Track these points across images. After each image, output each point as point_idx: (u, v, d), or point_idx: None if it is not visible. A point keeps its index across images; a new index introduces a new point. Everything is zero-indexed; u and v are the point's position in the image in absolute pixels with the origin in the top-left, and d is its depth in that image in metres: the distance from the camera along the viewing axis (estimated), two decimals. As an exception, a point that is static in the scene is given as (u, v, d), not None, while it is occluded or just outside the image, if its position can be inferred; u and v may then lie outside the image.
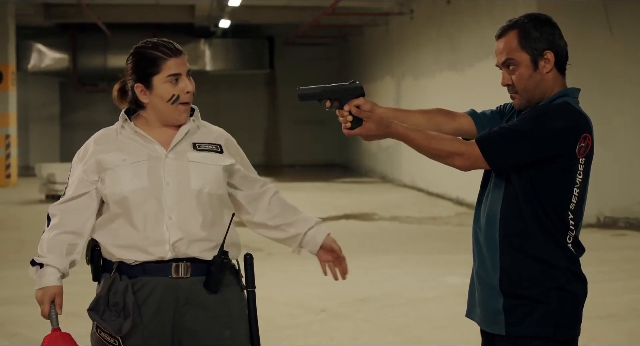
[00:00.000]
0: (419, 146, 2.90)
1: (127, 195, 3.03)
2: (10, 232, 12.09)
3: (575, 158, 2.88)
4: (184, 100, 3.08)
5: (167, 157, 3.08)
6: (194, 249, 3.05)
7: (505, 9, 13.29)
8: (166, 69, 3.06)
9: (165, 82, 3.06)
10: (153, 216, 3.03)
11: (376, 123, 2.91)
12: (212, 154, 3.14)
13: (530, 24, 2.97)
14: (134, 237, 3.03)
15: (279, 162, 26.66)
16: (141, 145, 3.10)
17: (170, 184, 3.05)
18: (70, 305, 7.46)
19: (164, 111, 3.09)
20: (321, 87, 3.01)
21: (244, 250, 3.26)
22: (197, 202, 3.06)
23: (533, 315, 2.89)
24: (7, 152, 18.84)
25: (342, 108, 2.95)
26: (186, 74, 3.10)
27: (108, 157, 3.08)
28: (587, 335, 3.12)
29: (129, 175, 3.04)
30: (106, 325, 3.00)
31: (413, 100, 18.20)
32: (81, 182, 3.10)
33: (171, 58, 3.07)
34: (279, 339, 6.23)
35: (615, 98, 12.38)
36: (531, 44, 2.94)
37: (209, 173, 3.10)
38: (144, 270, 3.02)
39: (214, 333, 3.05)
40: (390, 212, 14.20)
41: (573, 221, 2.92)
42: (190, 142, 3.13)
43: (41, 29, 23.33)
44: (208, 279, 3.06)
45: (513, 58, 2.97)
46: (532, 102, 2.97)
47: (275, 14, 21.37)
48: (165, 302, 3.02)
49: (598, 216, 12.35)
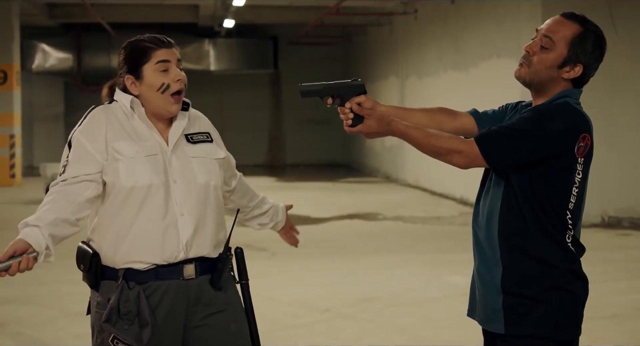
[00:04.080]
0: (419, 143, 2.91)
1: (141, 188, 2.97)
2: (15, 232, 12.01)
3: (574, 158, 2.88)
4: (174, 89, 3.04)
5: (171, 156, 3.06)
6: (203, 247, 3.05)
7: (510, 9, 13.28)
8: (155, 57, 3.04)
9: (155, 70, 3.03)
10: (166, 213, 3.00)
11: (377, 121, 2.92)
12: (206, 146, 3.15)
13: (594, 36, 2.93)
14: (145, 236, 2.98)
15: (282, 162, 26.65)
16: (150, 134, 3.06)
17: (177, 181, 3.04)
18: (75, 305, 7.49)
19: (154, 102, 3.05)
20: (323, 84, 3.02)
21: (249, 250, 3.27)
22: (205, 196, 3.07)
23: (532, 315, 2.89)
24: (11, 152, 18.85)
25: (343, 105, 2.97)
26: (176, 64, 3.07)
27: (121, 146, 3.00)
28: (591, 335, 3.11)
29: (146, 168, 2.98)
30: (125, 335, 2.93)
31: (417, 99, 18.19)
32: (88, 159, 2.98)
33: (161, 48, 3.06)
34: (283, 339, 6.24)
35: (620, 98, 12.37)
36: (577, 49, 2.91)
37: (211, 166, 3.12)
38: (155, 275, 2.99)
39: (221, 328, 3.07)
40: (394, 212, 14.19)
41: (571, 221, 2.92)
42: (183, 134, 3.12)
43: (45, 28, 23.35)
44: (214, 277, 3.07)
45: (554, 41, 2.92)
46: (530, 85, 2.97)
47: (279, 14, 21.37)
48: (178, 304, 3.02)
49: (602, 216, 12.33)
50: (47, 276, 8.49)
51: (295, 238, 3.68)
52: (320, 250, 9.98)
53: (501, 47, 13.63)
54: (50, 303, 7.37)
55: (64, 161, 3.03)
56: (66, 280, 7.82)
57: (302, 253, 9.26)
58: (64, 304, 7.17)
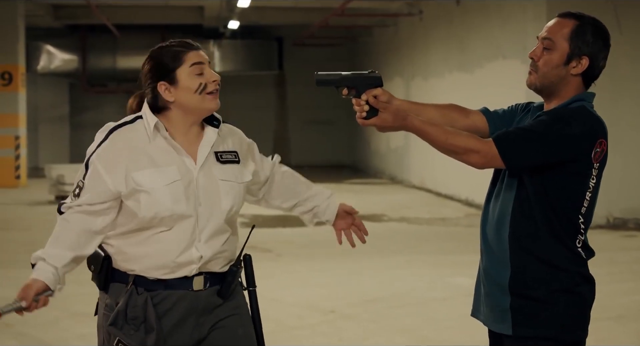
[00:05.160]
0: (435, 140, 2.88)
1: (163, 218, 2.92)
2: (20, 233, 12.12)
3: (590, 163, 2.87)
4: (210, 89, 2.99)
5: (198, 174, 2.99)
6: (216, 265, 3.03)
7: (515, 10, 13.27)
8: (188, 59, 2.99)
9: (190, 73, 2.97)
10: (185, 238, 2.96)
11: (393, 115, 2.89)
12: (234, 167, 3.07)
13: (592, 27, 2.93)
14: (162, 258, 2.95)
15: (287, 163, 25.97)
16: (173, 157, 2.97)
17: (202, 204, 2.97)
18: (80, 305, 7.49)
19: (193, 104, 2.97)
20: (340, 74, 2.97)
21: (254, 251, 3.27)
22: (225, 221, 3.02)
23: (539, 316, 2.89)
24: (16, 153, 18.87)
25: (359, 97, 2.93)
26: (208, 65, 3.03)
27: (142, 176, 2.92)
28: (597, 336, 3.11)
29: (167, 198, 2.91)
30: (130, 340, 2.91)
31: (422, 100, 17.99)
32: (103, 190, 2.93)
33: (191, 50, 3.02)
34: (287, 339, 6.24)
35: (624, 99, 12.35)
36: (578, 42, 2.91)
37: (236, 192, 3.05)
38: (164, 285, 2.97)
39: (228, 332, 3.06)
40: (399, 213, 14.18)
41: (583, 225, 2.91)
42: (213, 151, 3.04)
43: (51, 30, 23.38)
44: (223, 288, 3.05)
45: (554, 41, 2.92)
46: (542, 90, 2.96)
47: (284, 15, 21.37)
48: (187, 315, 3.00)
49: (608, 217, 12.32)
50: (52, 277, 8.50)
51: (358, 235, 3.41)
52: (325, 251, 9.97)
53: (506, 48, 13.62)
54: (54, 303, 7.31)
55: (79, 181, 2.96)
56: (71, 280, 7.79)
57: (306, 254, 9.26)
58: (69, 304, 7.17)
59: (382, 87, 2.97)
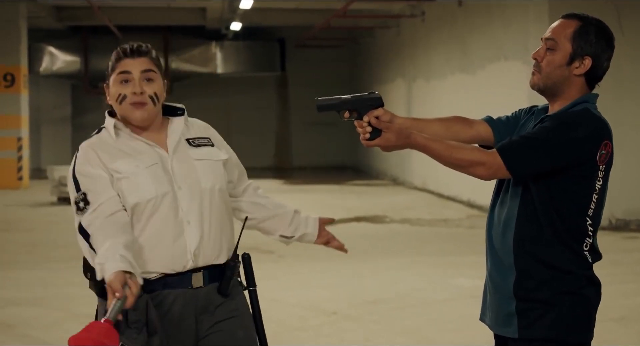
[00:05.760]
0: (440, 156, 2.88)
1: (148, 202, 2.94)
2: (22, 234, 12.13)
3: (596, 166, 2.87)
4: (132, 101, 2.97)
5: (172, 159, 3.02)
6: (211, 254, 3.02)
7: (517, 11, 13.27)
8: (118, 67, 2.99)
9: (115, 81, 2.98)
10: (173, 222, 2.97)
11: (396, 134, 2.89)
12: (208, 149, 3.10)
13: (595, 28, 2.93)
14: (154, 248, 2.95)
15: (289, 164, 26.66)
16: (144, 147, 3.01)
17: (182, 187, 2.99)
18: (82, 307, 7.49)
19: (119, 111, 3.01)
20: (339, 98, 2.99)
21: (256, 252, 3.27)
22: (210, 201, 3.03)
23: (545, 318, 2.89)
24: (19, 154, 18.89)
25: (361, 119, 2.94)
26: (140, 76, 2.97)
27: (119, 165, 2.95)
28: (599, 337, 3.11)
29: (148, 180, 2.94)
30: (132, 344, 2.87)
31: (424, 102, 18.19)
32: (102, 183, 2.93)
33: (126, 58, 2.99)
34: (289, 341, 6.24)
35: (626, 100, 12.35)
36: (581, 42, 2.91)
37: (215, 169, 3.07)
38: (163, 284, 2.97)
39: (229, 335, 3.05)
40: (402, 214, 14.19)
41: (591, 227, 2.91)
42: (184, 139, 3.08)
43: (53, 31, 23.40)
44: (222, 284, 3.05)
45: (557, 41, 2.92)
46: (545, 90, 2.96)
47: (286, 17, 21.38)
48: (186, 313, 3.00)
49: (610, 218, 12.31)
50: (55, 278, 8.52)
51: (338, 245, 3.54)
52: (327, 252, 9.94)
53: (508, 50, 13.62)
54: (57, 305, 7.39)
55: (78, 196, 2.93)
56: (73, 282, 7.83)
57: (309, 256, 9.26)
58: (72, 306, 7.19)
59: (383, 107, 2.97)
